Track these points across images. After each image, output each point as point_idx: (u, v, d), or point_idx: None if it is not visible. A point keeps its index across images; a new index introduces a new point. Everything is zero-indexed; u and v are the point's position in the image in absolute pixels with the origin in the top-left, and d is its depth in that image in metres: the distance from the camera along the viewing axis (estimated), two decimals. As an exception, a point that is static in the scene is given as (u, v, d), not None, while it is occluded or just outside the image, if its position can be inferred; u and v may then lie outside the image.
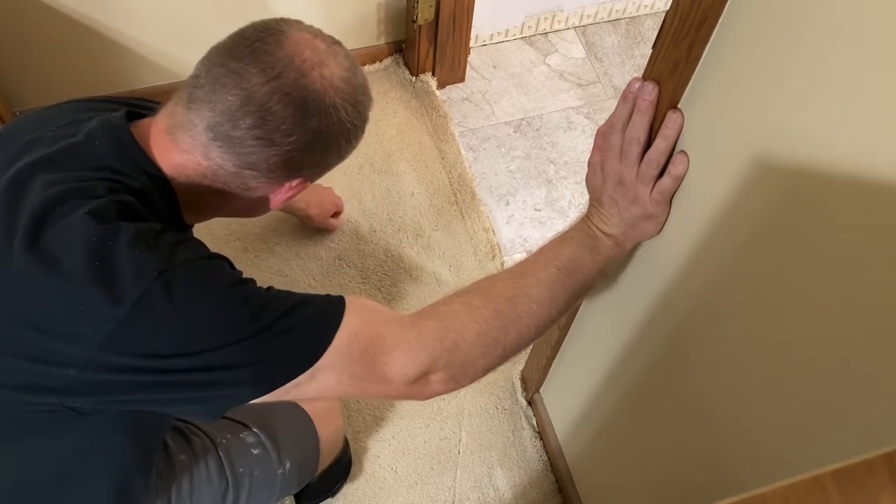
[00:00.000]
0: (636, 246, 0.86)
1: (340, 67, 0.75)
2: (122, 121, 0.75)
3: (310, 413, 1.12)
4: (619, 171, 0.76)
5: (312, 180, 0.83)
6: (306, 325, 0.71)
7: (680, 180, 0.73)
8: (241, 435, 1.04)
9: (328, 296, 0.74)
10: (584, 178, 0.82)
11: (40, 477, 0.78)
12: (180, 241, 0.71)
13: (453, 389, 0.77)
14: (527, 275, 0.79)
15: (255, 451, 1.04)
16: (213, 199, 0.79)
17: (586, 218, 0.82)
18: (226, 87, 0.71)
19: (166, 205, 0.76)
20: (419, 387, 0.75)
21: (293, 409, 1.11)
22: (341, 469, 1.34)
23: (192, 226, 0.83)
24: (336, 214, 1.58)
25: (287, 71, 0.71)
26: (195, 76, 0.74)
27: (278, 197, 0.81)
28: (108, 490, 0.82)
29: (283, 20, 0.76)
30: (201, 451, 1.00)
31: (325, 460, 1.19)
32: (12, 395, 0.69)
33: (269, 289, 0.72)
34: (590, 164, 0.80)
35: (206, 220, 0.84)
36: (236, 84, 0.71)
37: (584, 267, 0.79)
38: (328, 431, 1.16)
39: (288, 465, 1.07)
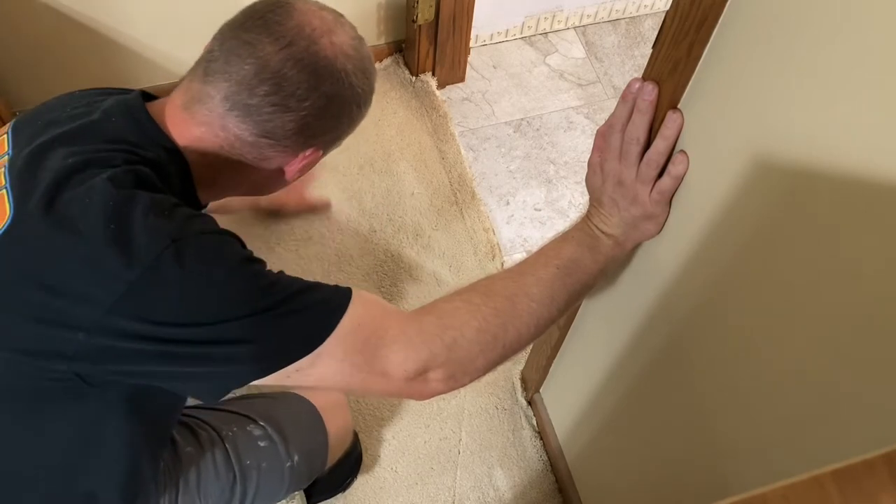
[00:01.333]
0: (636, 246, 0.86)
1: (348, 36, 0.78)
2: (138, 100, 0.78)
3: (317, 407, 1.12)
4: (619, 171, 0.76)
5: (326, 150, 0.84)
6: (312, 309, 0.71)
7: (680, 180, 0.73)
8: (248, 428, 1.04)
9: (336, 285, 0.75)
10: (583, 178, 0.82)
11: (52, 456, 0.78)
12: (195, 214, 0.72)
13: (452, 388, 0.77)
14: (527, 274, 0.79)
15: (262, 444, 1.04)
16: (229, 172, 0.80)
17: (586, 218, 0.82)
18: (241, 58, 0.74)
19: (181, 180, 0.77)
20: (418, 384, 0.75)
21: (300, 403, 1.12)
22: (352, 464, 1.34)
23: (206, 205, 0.85)
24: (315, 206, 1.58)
25: (298, 39, 0.74)
26: (209, 51, 0.77)
27: (293, 167, 0.83)
28: (118, 473, 0.82)
29: None
30: (208, 444, 1.00)
31: (335, 454, 1.19)
32: (24, 360, 0.69)
33: (280, 272, 0.73)
34: (589, 164, 0.80)
35: (220, 197, 0.86)
36: (251, 54, 0.73)
37: (585, 266, 0.79)
38: (336, 426, 1.16)
39: (296, 458, 1.07)
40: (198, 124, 0.76)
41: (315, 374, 0.72)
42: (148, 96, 0.80)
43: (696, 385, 0.84)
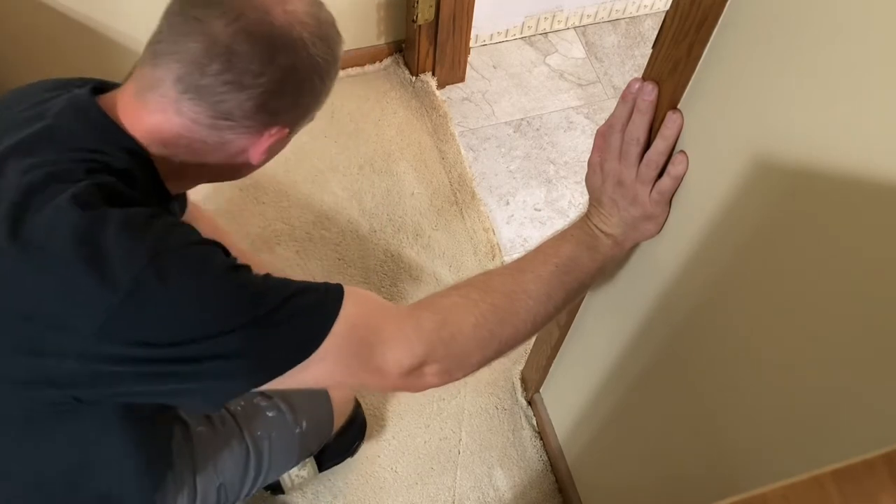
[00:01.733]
0: (635, 246, 0.86)
1: (304, 2, 0.73)
2: (89, 97, 0.73)
3: None
4: (619, 171, 0.76)
5: (293, 128, 0.79)
6: (304, 315, 0.70)
7: (679, 180, 0.73)
8: (255, 400, 1.05)
9: (326, 284, 0.73)
10: (583, 178, 0.82)
11: (61, 468, 0.78)
12: (173, 224, 0.69)
13: (447, 382, 0.77)
14: (525, 271, 0.79)
15: (269, 414, 1.05)
16: (193, 160, 0.76)
17: (586, 217, 0.82)
18: (188, 36, 0.69)
19: (147, 176, 0.74)
20: (413, 378, 0.75)
21: None
22: (357, 429, 1.36)
23: (180, 195, 0.81)
24: None
25: (248, 10, 0.69)
26: (156, 32, 0.73)
27: (259, 148, 0.77)
28: (129, 469, 0.83)
29: None
30: (218, 421, 1.01)
31: (339, 419, 1.21)
32: (18, 391, 0.69)
33: (267, 276, 0.71)
34: (589, 164, 0.80)
35: (190, 186, 0.82)
36: (199, 30, 0.69)
37: (583, 265, 0.79)
38: (338, 392, 1.18)
39: (304, 424, 1.09)
40: (152, 112, 0.72)
41: (311, 377, 0.71)
42: (100, 89, 0.76)
43: (696, 385, 0.84)
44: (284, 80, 0.72)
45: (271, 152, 0.80)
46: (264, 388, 0.71)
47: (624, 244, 0.81)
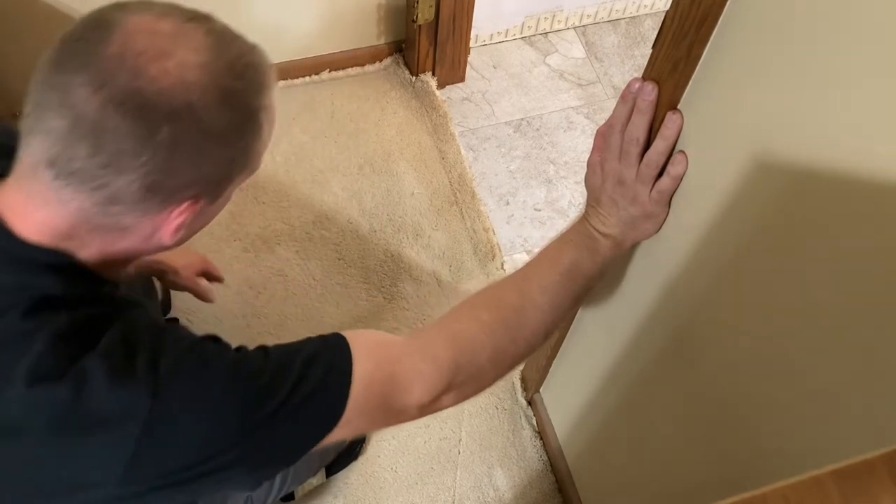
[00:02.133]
0: (636, 246, 0.86)
1: (193, 51, 0.59)
2: None
3: None
4: (619, 171, 0.76)
5: (212, 198, 0.66)
6: (319, 393, 0.66)
7: (679, 180, 0.73)
8: None
9: (326, 342, 0.69)
10: (583, 178, 0.82)
11: None
12: (160, 341, 0.62)
13: (462, 401, 0.77)
14: (532, 282, 0.78)
15: None
16: (107, 247, 0.64)
17: (584, 219, 0.82)
18: (51, 109, 0.57)
19: (83, 284, 0.64)
20: (431, 408, 0.75)
21: None
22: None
23: (129, 275, 0.71)
24: (211, 279, 1.24)
25: (118, 74, 0.56)
26: (25, 103, 0.59)
27: (168, 227, 0.64)
28: None
29: (121, 3, 0.61)
30: None
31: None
32: None
33: (268, 354, 0.66)
34: (589, 164, 0.80)
35: (126, 267, 0.69)
36: (61, 102, 0.56)
37: (586, 269, 0.79)
38: None
39: None
40: (38, 207, 0.60)
41: (337, 438, 0.69)
42: None
43: (696, 385, 0.84)
44: (173, 157, 0.59)
45: (190, 228, 0.67)
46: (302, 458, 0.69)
47: (623, 244, 0.81)
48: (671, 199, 0.76)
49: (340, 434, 0.68)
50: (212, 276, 1.22)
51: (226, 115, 0.61)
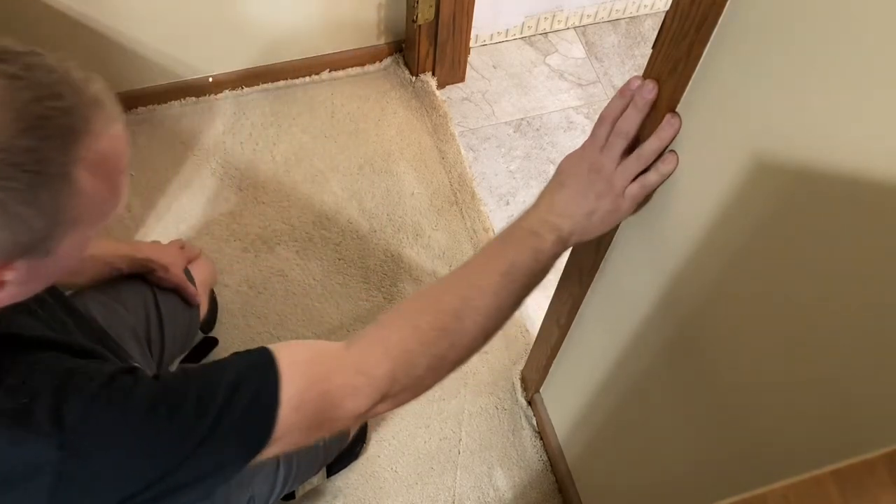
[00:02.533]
0: (636, 246, 0.86)
1: None
2: None
3: None
4: (598, 159, 0.75)
5: (41, 254, 0.58)
6: (244, 421, 0.64)
7: (665, 178, 0.73)
8: None
9: (252, 363, 0.67)
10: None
11: None
12: (63, 387, 0.58)
13: (398, 407, 0.75)
14: (471, 284, 0.76)
15: None
16: None
17: (534, 210, 0.79)
18: None
19: None
20: (366, 416, 0.73)
21: None
22: (360, 431, 1.38)
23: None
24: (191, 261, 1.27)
25: None
26: None
27: None
28: None
29: None
30: None
31: (353, 427, 1.23)
32: None
33: (188, 381, 0.64)
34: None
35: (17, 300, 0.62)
36: None
37: (527, 268, 0.76)
38: None
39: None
40: None
41: (272, 454, 0.68)
42: None
43: (696, 385, 0.84)
44: None
45: (33, 281, 0.60)
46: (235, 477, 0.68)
47: (569, 240, 0.77)
48: (646, 198, 0.76)
49: (278, 449, 0.68)
50: (191, 258, 1.27)
51: (19, 176, 0.52)
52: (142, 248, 1.18)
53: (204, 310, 1.25)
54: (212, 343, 1.47)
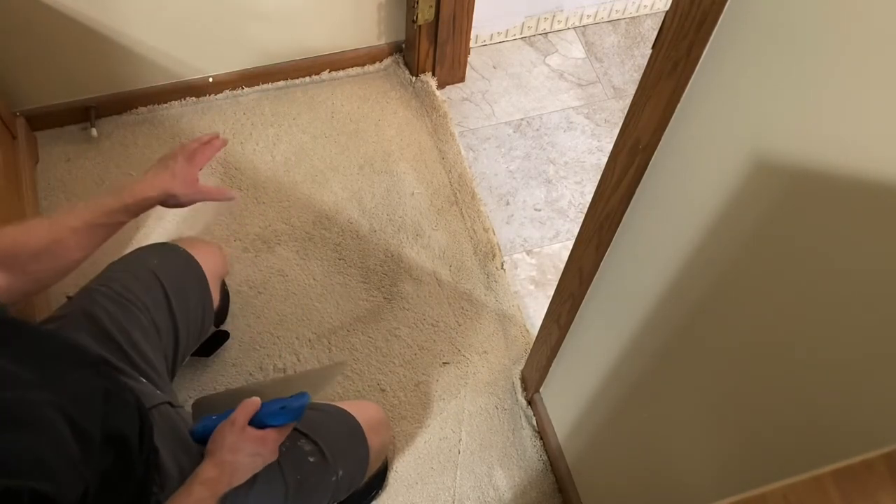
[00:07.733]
0: (637, 246, 0.86)
1: None
2: None
3: (361, 423, 1.14)
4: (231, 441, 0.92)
5: None
6: None
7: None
8: (299, 443, 1.06)
9: None
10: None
11: None
12: None
13: None
14: None
15: (311, 459, 1.06)
16: None
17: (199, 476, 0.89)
18: None
19: None
20: None
21: (348, 419, 1.14)
22: (379, 477, 1.37)
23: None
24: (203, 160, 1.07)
25: None
26: None
27: None
28: None
29: None
30: None
31: (372, 468, 1.22)
32: None
33: None
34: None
35: None
36: None
37: None
38: (378, 442, 1.18)
39: (341, 472, 1.09)
40: None
41: None
42: None
43: (696, 384, 0.84)
44: None
45: None
46: None
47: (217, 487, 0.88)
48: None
49: None
50: (204, 159, 1.07)
51: None
52: (133, 191, 1.00)
53: (216, 302, 1.25)
54: (223, 336, 1.47)
